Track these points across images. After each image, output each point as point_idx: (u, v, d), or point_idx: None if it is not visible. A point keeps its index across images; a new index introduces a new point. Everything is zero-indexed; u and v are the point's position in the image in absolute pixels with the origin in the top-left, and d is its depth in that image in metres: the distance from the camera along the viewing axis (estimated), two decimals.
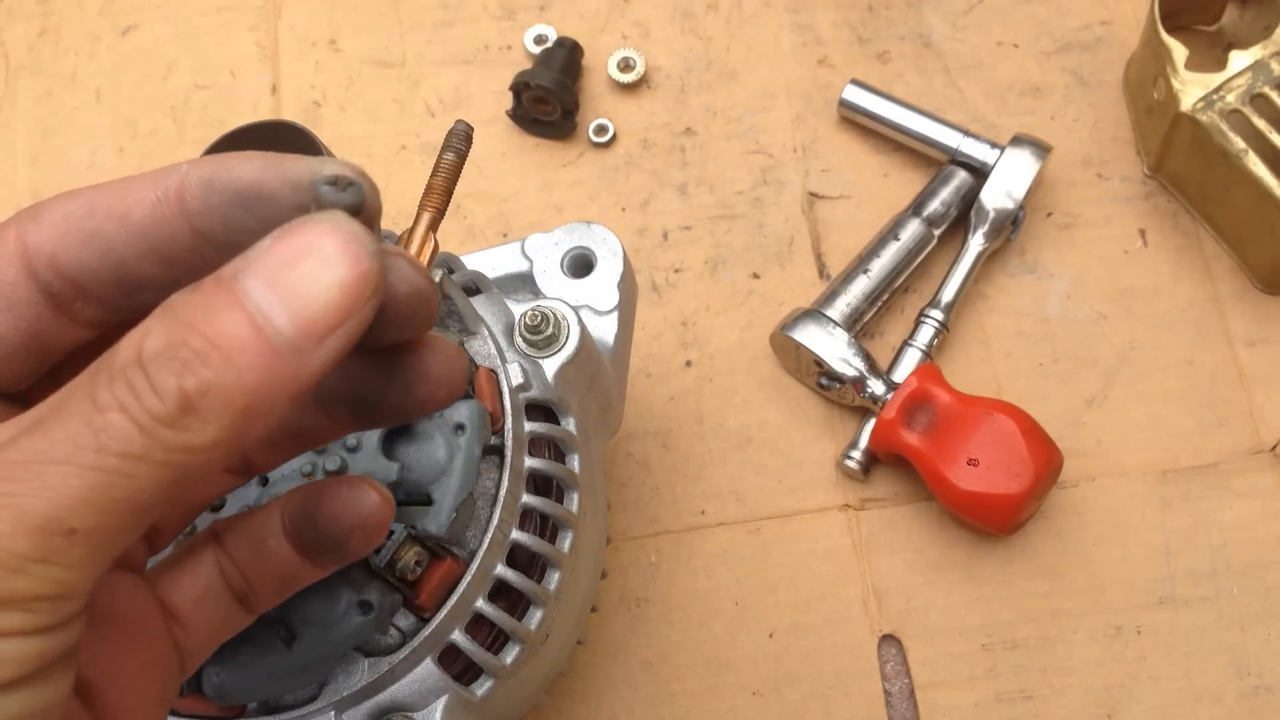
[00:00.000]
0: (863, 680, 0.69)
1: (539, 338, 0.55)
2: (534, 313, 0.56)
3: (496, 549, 0.51)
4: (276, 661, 0.47)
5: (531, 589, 0.52)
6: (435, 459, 0.49)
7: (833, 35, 0.83)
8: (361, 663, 0.49)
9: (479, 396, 0.52)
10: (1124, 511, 0.71)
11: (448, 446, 0.49)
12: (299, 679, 0.48)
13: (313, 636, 0.47)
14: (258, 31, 0.87)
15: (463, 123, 0.56)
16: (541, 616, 0.53)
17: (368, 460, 0.48)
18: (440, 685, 0.50)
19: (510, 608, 0.52)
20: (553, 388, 0.55)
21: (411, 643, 0.49)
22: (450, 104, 0.83)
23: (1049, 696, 0.68)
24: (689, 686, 0.69)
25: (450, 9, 0.87)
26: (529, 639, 0.53)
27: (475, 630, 0.51)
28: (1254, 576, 0.69)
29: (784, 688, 0.69)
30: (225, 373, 0.29)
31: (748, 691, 0.69)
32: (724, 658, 0.70)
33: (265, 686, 0.48)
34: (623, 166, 0.81)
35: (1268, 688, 0.67)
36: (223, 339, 0.29)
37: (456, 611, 0.50)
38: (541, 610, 0.53)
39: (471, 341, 0.54)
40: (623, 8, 0.85)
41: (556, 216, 0.80)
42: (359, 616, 0.47)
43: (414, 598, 0.49)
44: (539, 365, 0.55)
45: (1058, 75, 0.81)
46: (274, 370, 0.29)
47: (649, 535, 0.72)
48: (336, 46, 0.86)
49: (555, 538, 0.54)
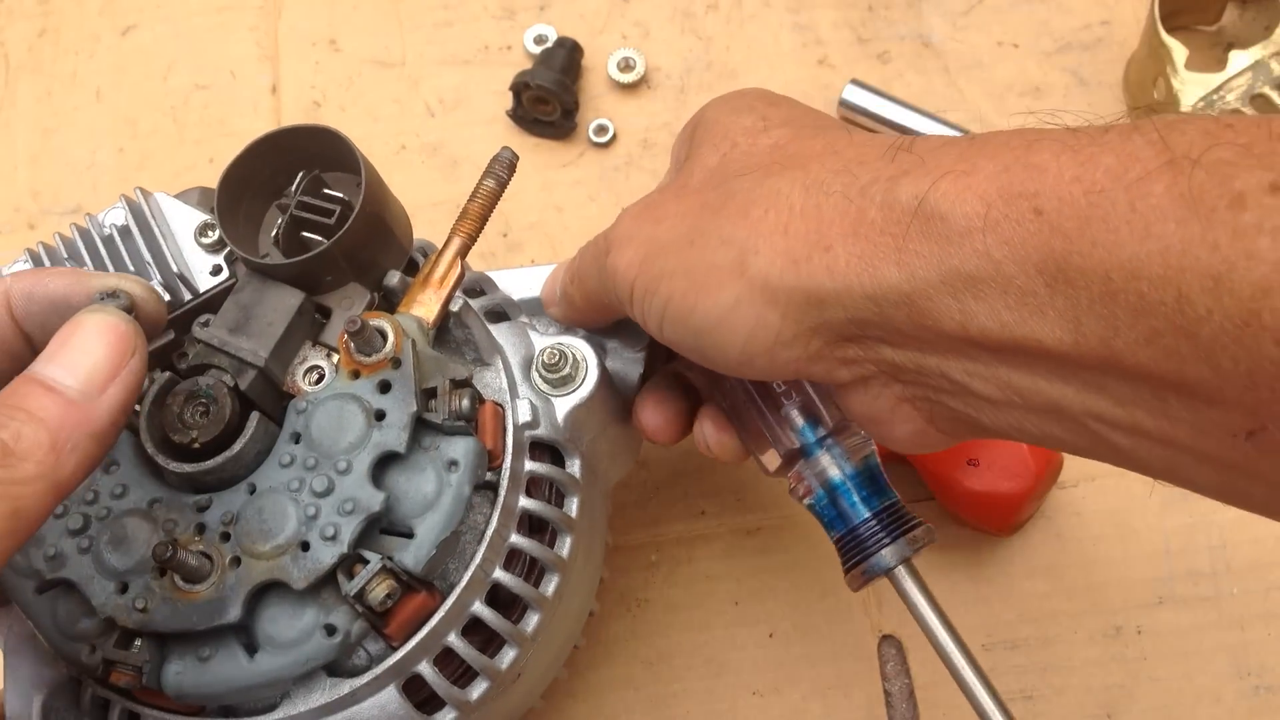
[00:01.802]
0: (863, 680, 0.69)
1: (555, 376, 0.54)
2: (553, 350, 0.55)
3: (476, 586, 0.50)
4: (236, 671, 0.47)
5: (507, 629, 0.51)
6: (423, 492, 0.49)
7: (833, 35, 0.83)
8: (324, 681, 0.49)
9: (480, 432, 0.51)
10: (1124, 511, 0.71)
11: (438, 481, 0.49)
12: (257, 691, 0.48)
13: (274, 652, 0.47)
14: (258, 31, 0.87)
15: (508, 150, 0.56)
16: (515, 657, 0.52)
17: (354, 486, 0.48)
18: (401, 713, 0.50)
19: (484, 644, 0.52)
20: (562, 428, 0.54)
21: (376, 669, 0.49)
22: (450, 104, 0.83)
23: (1049, 696, 0.68)
24: (689, 686, 0.69)
25: (450, 9, 0.87)
26: (498, 678, 0.52)
27: (443, 663, 0.50)
28: (1254, 576, 0.69)
29: (784, 688, 0.69)
30: (30, 422, 0.39)
31: (748, 691, 0.69)
32: (724, 658, 0.70)
33: (222, 694, 0.48)
34: (623, 166, 0.81)
35: (1268, 688, 0.67)
36: (24, 402, 0.40)
37: (426, 643, 0.49)
38: (516, 650, 0.52)
39: (484, 372, 0.53)
40: (623, 8, 0.85)
41: (556, 216, 0.80)
42: (323, 639, 0.47)
43: (382, 627, 0.48)
44: (551, 403, 0.54)
45: (1058, 75, 0.81)
46: (69, 414, 0.40)
47: (649, 535, 0.72)
48: (336, 46, 0.86)
49: (540, 580, 0.53)
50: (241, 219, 0.53)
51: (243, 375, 0.49)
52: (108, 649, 0.47)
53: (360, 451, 0.48)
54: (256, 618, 0.47)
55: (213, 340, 0.50)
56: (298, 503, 0.47)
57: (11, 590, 0.50)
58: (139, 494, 0.49)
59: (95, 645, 0.48)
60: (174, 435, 0.49)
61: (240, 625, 0.47)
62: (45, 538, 0.48)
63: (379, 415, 0.49)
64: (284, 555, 0.47)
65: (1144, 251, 0.33)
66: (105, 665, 0.48)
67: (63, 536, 0.48)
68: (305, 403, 0.50)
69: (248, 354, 0.49)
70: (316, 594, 0.47)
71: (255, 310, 0.51)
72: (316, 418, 0.49)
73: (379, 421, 0.49)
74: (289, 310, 0.50)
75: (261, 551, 0.47)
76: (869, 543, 0.51)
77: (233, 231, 0.52)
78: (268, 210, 0.54)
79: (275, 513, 0.47)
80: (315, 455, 0.48)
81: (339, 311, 0.52)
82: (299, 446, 0.49)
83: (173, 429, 0.49)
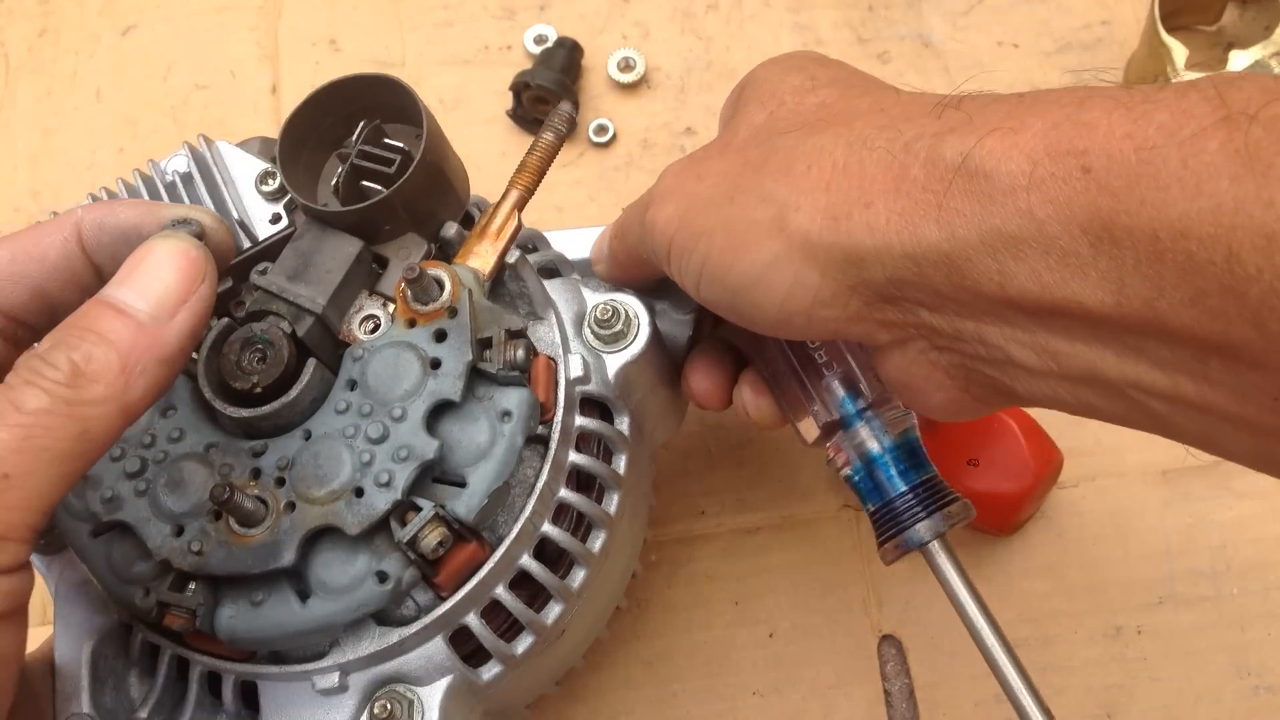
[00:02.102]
0: (863, 680, 0.69)
1: (608, 332, 0.55)
2: (606, 306, 0.55)
3: (525, 539, 0.51)
4: (288, 616, 0.47)
5: (554, 584, 0.52)
6: (477, 442, 0.49)
7: (833, 35, 0.83)
8: (373, 630, 0.49)
9: (533, 384, 0.51)
10: (1124, 511, 0.71)
11: (491, 431, 0.49)
12: (308, 636, 0.48)
13: (326, 598, 0.47)
14: (258, 31, 0.87)
15: (568, 104, 0.56)
16: (560, 612, 0.53)
17: (409, 433, 0.48)
18: (447, 664, 0.50)
19: (530, 598, 0.52)
20: (612, 384, 0.55)
21: (424, 619, 0.49)
22: (450, 104, 0.83)
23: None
24: (689, 686, 0.69)
25: (450, 9, 0.87)
26: (543, 632, 0.52)
27: (490, 616, 0.51)
28: (1254, 576, 0.69)
29: (784, 688, 0.69)
30: (100, 344, 0.39)
31: (748, 691, 0.69)
32: (724, 658, 0.70)
33: (274, 638, 0.48)
34: (623, 166, 0.81)
35: (1268, 688, 0.67)
36: (96, 324, 0.40)
37: (474, 595, 0.50)
38: (561, 606, 0.53)
39: (538, 326, 0.54)
40: (623, 8, 0.85)
41: (557, 216, 0.80)
42: (375, 586, 0.47)
43: (433, 576, 0.49)
44: (603, 359, 0.55)
45: (1058, 75, 0.81)
46: (139, 337, 0.40)
47: (649, 535, 0.72)
48: (336, 46, 0.86)
49: (588, 535, 0.54)
50: (302, 168, 0.53)
51: (300, 322, 0.49)
52: (162, 592, 0.48)
53: (415, 399, 0.48)
54: (309, 563, 0.48)
55: (271, 287, 0.50)
56: (353, 449, 0.48)
57: (66, 534, 0.50)
58: (195, 438, 0.49)
59: (149, 588, 0.48)
60: (234, 383, 0.49)
61: (293, 570, 0.47)
62: (102, 480, 0.48)
63: (434, 364, 0.49)
64: (338, 501, 0.47)
65: (1194, 209, 0.32)
66: (159, 608, 0.48)
67: (120, 479, 0.48)
68: (362, 350, 0.50)
69: (306, 301, 0.49)
70: (369, 540, 0.48)
71: (314, 258, 0.51)
72: (373, 365, 0.49)
73: (434, 370, 0.49)
74: (347, 258, 0.51)
75: (316, 497, 0.47)
76: (904, 516, 0.50)
77: (294, 179, 0.52)
78: (327, 160, 0.54)
79: (330, 458, 0.48)
80: (370, 402, 0.49)
81: (396, 261, 0.52)
82: (354, 394, 0.49)
83: (231, 376, 0.49)
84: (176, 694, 0.52)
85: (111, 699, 0.53)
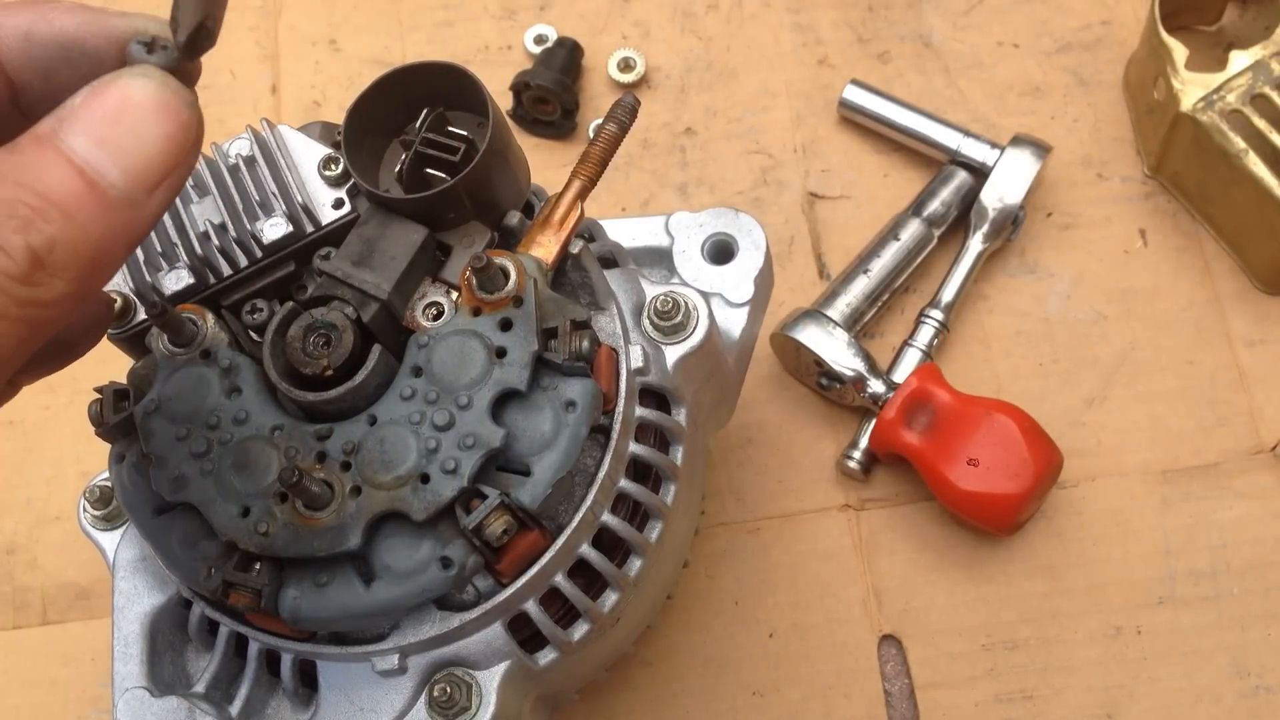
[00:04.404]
0: (863, 680, 0.69)
1: (667, 324, 0.55)
2: (666, 298, 0.55)
3: (585, 529, 0.51)
4: (353, 599, 0.48)
5: (611, 572, 0.52)
6: (541, 431, 0.49)
7: (833, 35, 0.83)
8: (434, 614, 0.50)
9: (596, 375, 0.51)
10: (1124, 511, 0.71)
11: (555, 421, 0.49)
12: (371, 619, 0.49)
13: (390, 581, 0.48)
14: (258, 31, 0.87)
15: (631, 95, 0.56)
16: (616, 600, 0.53)
17: (475, 421, 0.48)
18: (505, 649, 0.51)
19: (587, 586, 0.53)
20: (671, 375, 0.55)
21: (485, 605, 0.50)
22: None
23: (1049, 696, 0.68)
24: (689, 686, 0.69)
25: (450, 9, 0.87)
26: (600, 620, 0.53)
27: (549, 603, 0.52)
28: (1254, 576, 0.69)
29: (784, 688, 0.69)
30: (68, 228, 0.30)
31: (748, 691, 0.69)
32: (724, 658, 0.70)
33: (338, 620, 0.48)
34: (623, 166, 0.81)
35: (1268, 688, 0.67)
36: (58, 196, 0.30)
37: (534, 582, 0.50)
38: (617, 594, 0.53)
39: (599, 317, 0.54)
40: (623, 8, 0.85)
41: None
42: (439, 571, 0.48)
43: (495, 563, 0.49)
44: (661, 351, 0.55)
45: (1058, 75, 0.81)
46: (113, 222, 0.31)
47: None
48: (336, 46, 0.86)
49: (645, 525, 0.54)
50: (364, 154, 0.53)
51: (365, 308, 0.49)
52: (228, 571, 0.48)
53: (481, 387, 0.48)
54: (374, 547, 0.48)
55: (336, 272, 0.50)
56: (419, 435, 0.48)
57: (130, 512, 0.51)
58: (261, 420, 0.49)
59: (214, 568, 0.48)
60: (304, 368, 0.49)
61: (358, 554, 0.47)
62: (168, 460, 0.48)
63: (500, 352, 0.49)
64: (404, 486, 0.47)
65: None
66: (224, 587, 0.48)
67: (186, 459, 0.48)
68: (427, 337, 0.50)
69: (371, 287, 0.49)
70: (434, 526, 0.48)
71: (378, 244, 0.51)
72: (438, 352, 0.49)
73: (500, 359, 0.49)
74: (412, 245, 0.51)
75: (382, 482, 0.47)
76: None
77: (358, 165, 0.52)
78: (389, 147, 0.54)
79: (396, 444, 0.48)
80: (436, 389, 0.49)
81: (459, 249, 0.52)
82: (420, 380, 0.49)
83: (299, 361, 0.49)
84: (234, 669, 0.53)
85: (169, 672, 0.54)
